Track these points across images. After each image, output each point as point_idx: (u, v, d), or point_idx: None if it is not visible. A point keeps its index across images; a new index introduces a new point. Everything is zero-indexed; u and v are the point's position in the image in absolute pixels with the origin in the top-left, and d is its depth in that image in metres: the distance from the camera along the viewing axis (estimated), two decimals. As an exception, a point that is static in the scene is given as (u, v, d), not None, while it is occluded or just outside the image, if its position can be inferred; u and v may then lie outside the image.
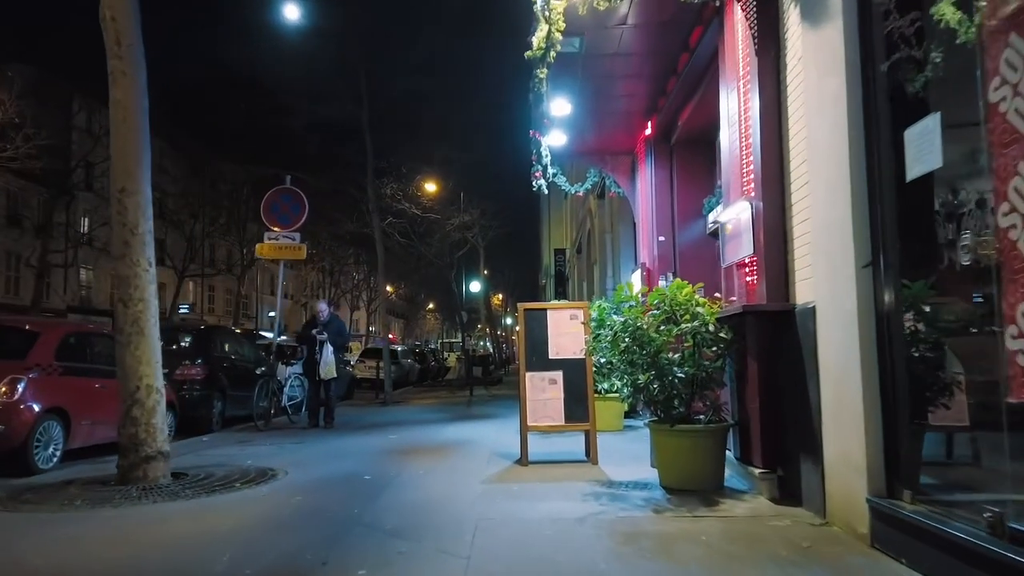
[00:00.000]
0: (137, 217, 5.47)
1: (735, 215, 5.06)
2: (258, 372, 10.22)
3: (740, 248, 4.97)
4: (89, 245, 37.02)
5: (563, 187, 9.76)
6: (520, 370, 6.20)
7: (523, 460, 6.00)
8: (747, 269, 4.99)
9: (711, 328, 4.76)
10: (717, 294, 5.27)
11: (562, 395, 6.08)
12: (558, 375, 6.12)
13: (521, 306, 6.39)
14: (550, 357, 6.17)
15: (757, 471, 4.51)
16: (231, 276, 43.30)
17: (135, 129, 5.53)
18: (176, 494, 4.98)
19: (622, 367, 4.93)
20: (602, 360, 5.16)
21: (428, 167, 28.55)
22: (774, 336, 4.50)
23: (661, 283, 8.78)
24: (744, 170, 5.03)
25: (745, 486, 4.79)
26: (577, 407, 6.06)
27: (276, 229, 10.21)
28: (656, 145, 8.97)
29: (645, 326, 4.77)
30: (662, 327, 4.80)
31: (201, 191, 35.61)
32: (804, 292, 4.17)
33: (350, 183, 16.40)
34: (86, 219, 36.38)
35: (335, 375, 9.73)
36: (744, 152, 5.04)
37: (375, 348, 26.10)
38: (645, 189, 9.34)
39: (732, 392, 4.98)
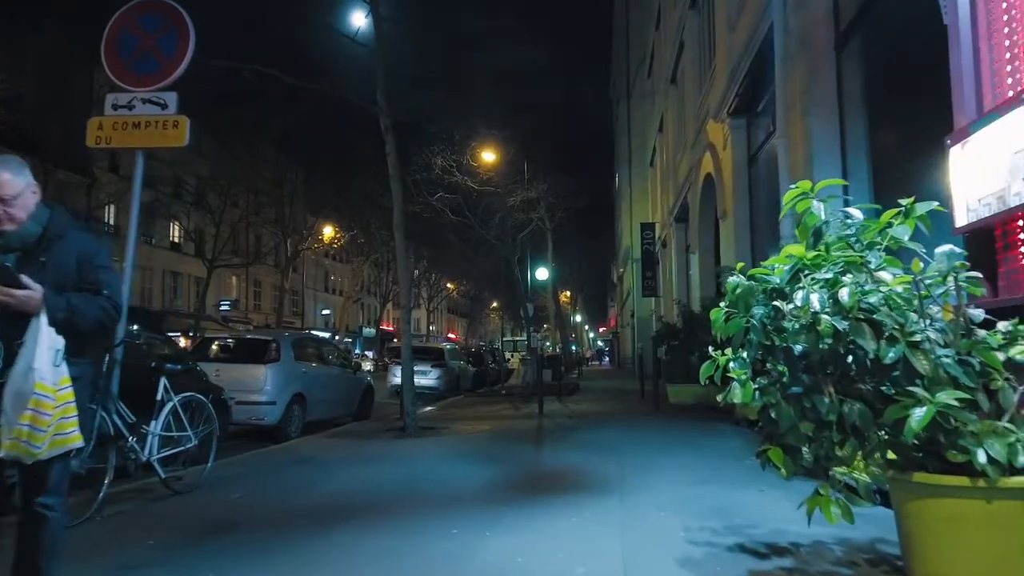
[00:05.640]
0: None
1: None
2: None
3: None
4: (115, 235, 33.46)
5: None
6: None
7: None
8: None
9: None
10: None
11: None
12: None
13: None
14: None
15: None
16: (277, 269, 39.25)
17: None
18: None
19: None
20: None
21: (485, 130, 23.30)
22: None
23: None
24: None
25: None
26: None
27: (131, 88, 4.83)
28: None
29: None
30: None
31: (243, 174, 31.42)
32: None
33: (358, 94, 11.03)
34: (112, 206, 32.86)
35: (77, 445, 2.38)
36: None
37: (422, 347, 20.78)
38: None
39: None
